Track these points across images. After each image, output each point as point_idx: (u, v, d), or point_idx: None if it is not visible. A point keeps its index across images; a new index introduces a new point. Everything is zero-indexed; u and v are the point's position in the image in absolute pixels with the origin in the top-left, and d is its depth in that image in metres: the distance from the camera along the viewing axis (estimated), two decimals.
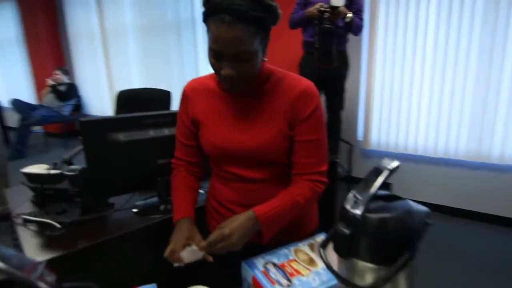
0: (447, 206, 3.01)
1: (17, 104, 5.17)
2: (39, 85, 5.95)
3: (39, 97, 5.61)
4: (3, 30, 6.57)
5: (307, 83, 0.95)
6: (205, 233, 0.97)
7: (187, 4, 4.22)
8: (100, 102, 5.72)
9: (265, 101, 0.96)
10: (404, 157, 3.12)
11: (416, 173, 3.10)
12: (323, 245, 0.76)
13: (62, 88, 5.17)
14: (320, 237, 1.01)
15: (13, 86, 6.77)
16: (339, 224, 0.70)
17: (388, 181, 0.67)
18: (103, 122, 1.23)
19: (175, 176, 1.10)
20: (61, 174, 1.23)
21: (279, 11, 0.86)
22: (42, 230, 1.19)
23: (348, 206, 0.70)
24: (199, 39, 4.25)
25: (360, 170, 3.24)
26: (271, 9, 0.83)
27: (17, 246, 1.17)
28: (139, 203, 1.39)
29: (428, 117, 2.97)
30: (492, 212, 2.83)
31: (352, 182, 3.02)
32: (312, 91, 0.94)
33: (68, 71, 5.46)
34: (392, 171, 0.69)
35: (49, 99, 5.13)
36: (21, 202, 1.38)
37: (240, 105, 0.98)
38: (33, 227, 1.22)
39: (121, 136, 1.23)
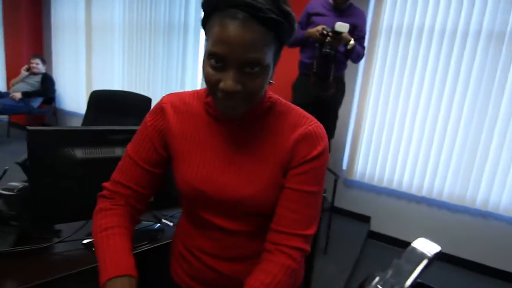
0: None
1: None
2: (11, 73, 5.55)
3: (8, 85, 5.24)
4: None
5: (316, 124, 0.78)
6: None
7: (181, 8, 4.04)
8: (76, 99, 5.37)
9: (261, 138, 0.78)
10: (386, 192, 3.08)
11: (397, 209, 3.04)
12: None
13: (36, 79, 4.82)
14: None
15: None
16: None
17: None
18: (58, 133, 1.00)
19: (109, 211, 0.81)
20: None
21: (296, 25, 0.69)
22: None
23: None
24: (189, 47, 4.06)
25: (341, 201, 3.13)
26: (290, 18, 0.67)
27: None
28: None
29: (416, 155, 2.92)
30: (473, 259, 2.76)
31: (335, 212, 2.87)
32: (321, 134, 0.77)
33: (45, 61, 5.11)
34: (432, 259, 0.52)
35: (18, 88, 4.77)
36: None
37: (230, 139, 0.79)
38: None
39: (79, 152, 1.01)
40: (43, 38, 5.66)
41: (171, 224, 1.27)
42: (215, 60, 0.65)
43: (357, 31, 2.42)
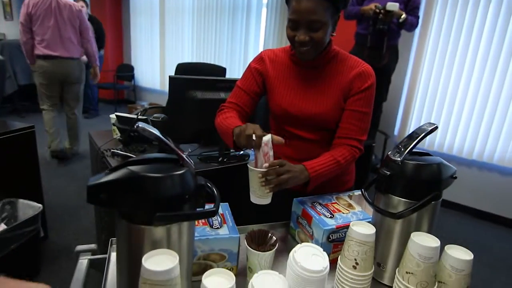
0: (476, 209, 3.07)
1: None
2: None
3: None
4: None
5: (366, 66, 1.13)
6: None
7: None
8: (151, 76, 6.08)
9: (328, 76, 1.13)
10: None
11: None
12: (366, 187, 0.96)
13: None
14: (358, 192, 1.21)
15: None
16: (382, 168, 0.90)
17: None
18: (186, 80, 1.48)
19: (226, 112, 1.16)
20: (146, 119, 1.50)
21: None
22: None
23: (391, 155, 0.89)
24: (252, 25, 4.45)
25: None
26: None
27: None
28: (204, 153, 1.65)
29: (468, 119, 3.04)
30: None
31: None
32: (369, 72, 1.12)
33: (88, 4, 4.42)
34: (431, 131, 0.87)
35: None
36: (107, 141, 1.68)
37: (307, 76, 1.15)
38: (119, 158, 1.50)
39: (198, 94, 1.48)
40: (122, 21, 6.40)
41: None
42: (291, 24, 1.03)
43: (411, 2, 2.64)
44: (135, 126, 0.70)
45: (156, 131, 0.68)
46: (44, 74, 3.13)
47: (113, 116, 1.65)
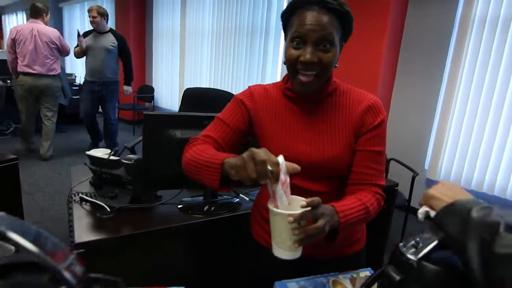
0: None
1: None
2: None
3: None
4: None
5: (374, 98, 0.95)
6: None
7: (263, 13, 4.29)
8: (170, 97, 6.06)
9: (331, 112, 0.94)
10: (476, 195, 2.78)
11: None
12: (367, 285, 0.68)
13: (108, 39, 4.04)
14: (364, 273, 0.92)
15: None
16: (389, 267, 0.61)
17: None
18: (164, 117, 1.26)
19: (200, 145, 0.93)
20: (118, 161, 1.29)
21: (353, 24, 0.89)
22: (94, 210, 1.26)
23: (404, 249, 0.61)
24: (270, 47, 4.29)
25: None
26: (349, 16, 0.87)
27: (70, 221, 1.25)
28: (185, 199, 1.41)
29: (510, 156, 2.63)
30: None
31: (410, 212, 2.77)
32: (379, 105, 0.94)
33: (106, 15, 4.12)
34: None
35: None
36: (81, 181, 1.49)
37: (306, 114, 0.95)
38: (87, 206, 1.29)
39: (179, 133, 1.25)
40: (145, 43, 6.49)
41: (247, 199, 1.47)
42: (297, 41, 0.84)
43: None
44: None
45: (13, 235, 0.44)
46: (24, 87, 3.82)
47: (90, 153, 1.46)
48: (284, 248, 0.72)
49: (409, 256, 0.59)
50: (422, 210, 0.66)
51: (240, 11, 4.59)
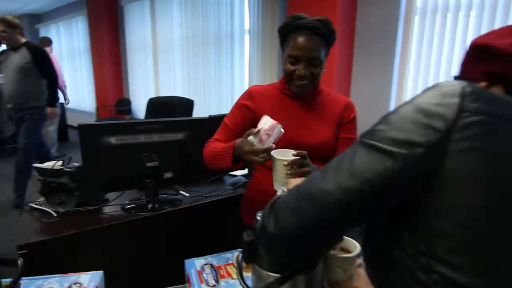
0: None
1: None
2: (99, 96, 6.60)
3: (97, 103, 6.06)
4: (77, 41, 7.46)
5: (348, 99, 1.29)
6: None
7: (227, 20, 4.43)
8: (146, 108, 6.13)
9: (319, 108, 1.24)
10: None
11: None
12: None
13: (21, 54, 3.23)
14: None
15: (78, 94, 7.60)
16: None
17: None
18: (98, 126, 1.39)
19: (214, 143, 1.23)
20: (61, 170, 1.41)
21: (335, 36, 1.18)
22: (42, 216, 1.37)
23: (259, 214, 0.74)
24: (236, 53, 4.43)
25: None
26: (333, 33, 1.15)
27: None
28: (129, 200, 1.53)
29: None
30: None
31: None
32: (352, 105, 1.28)
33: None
34: None
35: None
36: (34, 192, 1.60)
37: (301, 108, 1.23)
38: (36, 213, 1.41)
39: (113, 140, 1.38)
40: (121, 59, 6.60)
41: (187, 195, 1.61)
42: (292, 59, 1.12)
43: None
44: None
45: None
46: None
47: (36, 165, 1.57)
48: (281, 184, 1.00)
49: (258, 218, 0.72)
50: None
51: (206, 20, 4.72)
